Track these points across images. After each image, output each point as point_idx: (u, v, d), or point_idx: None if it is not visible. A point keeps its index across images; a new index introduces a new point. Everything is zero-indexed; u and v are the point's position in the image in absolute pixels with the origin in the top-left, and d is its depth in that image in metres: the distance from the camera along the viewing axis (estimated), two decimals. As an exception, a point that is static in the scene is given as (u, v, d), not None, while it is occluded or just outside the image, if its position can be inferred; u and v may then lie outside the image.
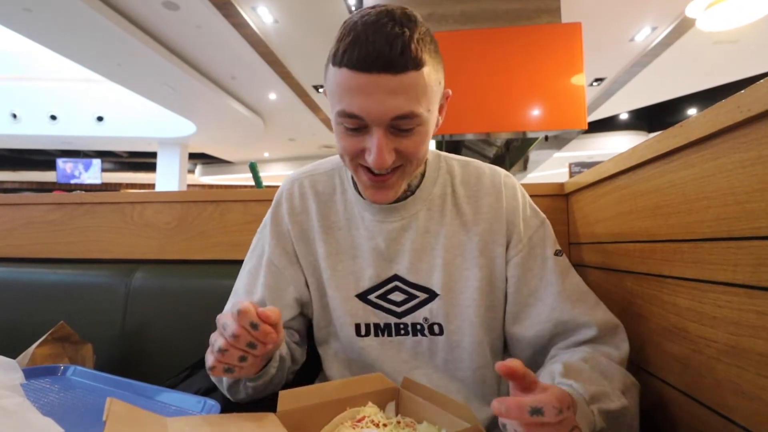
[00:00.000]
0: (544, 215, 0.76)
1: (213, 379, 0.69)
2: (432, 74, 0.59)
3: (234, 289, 0.79)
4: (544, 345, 0.70)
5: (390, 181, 0.65)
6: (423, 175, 0.75)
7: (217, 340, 0.53)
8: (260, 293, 0.73)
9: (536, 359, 0.71)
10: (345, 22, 0.59)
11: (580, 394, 0.54)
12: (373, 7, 0.58)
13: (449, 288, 0.71)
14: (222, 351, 0.52)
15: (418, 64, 0.56)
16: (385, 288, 0.72)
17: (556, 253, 0.72)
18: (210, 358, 0.54)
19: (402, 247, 0.72)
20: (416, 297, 0.71)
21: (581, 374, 0.58)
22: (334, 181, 0.78)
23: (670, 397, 0.64)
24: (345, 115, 0.59)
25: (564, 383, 0.56)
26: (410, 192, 0.73)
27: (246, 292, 0.75)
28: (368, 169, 0.63)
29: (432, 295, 0.71)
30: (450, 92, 0.68)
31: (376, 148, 0.59)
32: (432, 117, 0.63)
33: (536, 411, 0.40)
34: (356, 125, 0.59)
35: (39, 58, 7.37)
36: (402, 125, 0.59)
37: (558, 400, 0.41)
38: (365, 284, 0.73)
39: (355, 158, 0.63)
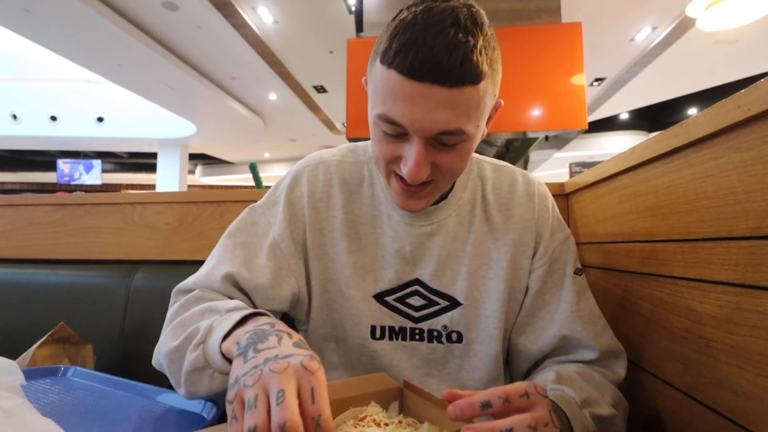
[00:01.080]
0: (569, 230, 0.73)
1: (165, 356, 0.57)
2: (489, 88, 0.53)
3: (218, 256, 0.67)
4: (542, 359, 0.69)
5: (422, 193, 0.61)
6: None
7: (255, 423, 0.34)
8: (267, 276, 0.65)
9: (531, 371, 0.71)
10: (401, 15, 0.52)
11: (572, 398, 0.54)
12: (435, 1, 0.51)
13: (473, 297, 0.68)
14: None
15: (476, 79, 0.50)
16: (405, 291, 0.69)
17: (576, 272, 0.70)
18: (236, 429, 0.36)
19: (429, 253, 0.69)
20: (436, 304, 0.68)
21: (573, 382, 0.58)
22: (362, 171, 0.73)
23: (670, 396, 0.64)
24: (386, 119, 0.54)
25: (556, 389, 0.57)
26: (442, 197, 0.70)
27: (247, 269, 0.65)
28: (401, 177, 0.59)
29: (454, 304, 0.68)
30: (502, 103, 0.62)
31: (414, 160, 0.54)
32: (479, 132, 0.58)
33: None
34: (396, 132, 0.55)
35: (39, 59, 7.37)
36: (445, 140, 0.54)
37: (533, 419, 0.40)
38: (384, 285, 0.69)
39: (389, 164, 0.59)
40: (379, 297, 0.69)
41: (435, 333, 0.69)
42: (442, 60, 0.48)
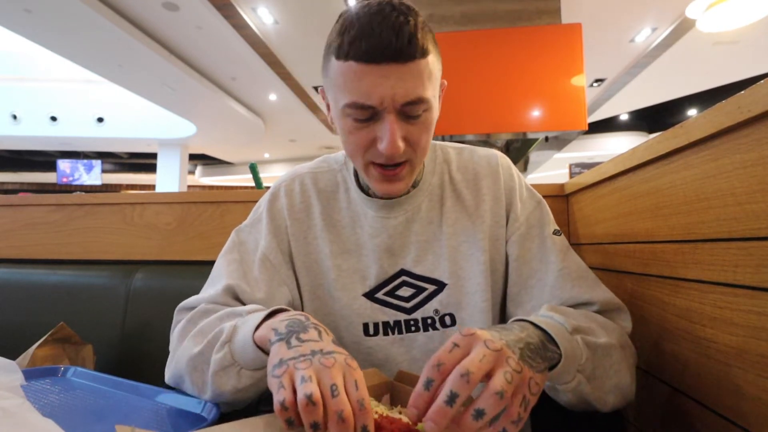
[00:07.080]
0: (540, 196, 0.75)
1: (186, 364, 0.60)
2: (435, 62, 0.60)
3: (216, 275, 0.71)
4: None
5: (400, 174, 0.64)
6: (422, 166, 0.74)
7: (311, 391, 0.39)
8: (263, 289, 0.68)
9: None
10: (343, 16, 0.58)
11: (561, 324, 0.53)
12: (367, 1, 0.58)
13: (457, 276, 0.70)
14: (312, 403, 0.39)
15: (424, 52, 0.57)
16: (393, 284, 0.71)
17: (555, 233, 0.72)
18: (285, 395, 0.40)
19: (408, 241, 0.72)
20: (425, 290, 0.70)
21: (565, 313, 0.57)
22: (336, 178, 0.77)
23: (671, 397, 0.64)
24: (356, 106, 0.58)
25: (545, 314, 0.56)
26: (413, 185, 0.73)
27: (245, 283, 0.68)
28: (379, 164, 0.63)
29: (441, 286, 0.70)
30: (446, 83, 0.68)
31: (389, 133, 0.58)
32: (436, 104, 0.63)
33: (452, 397, 0.38)
34: (367, 115, 0.59)
35: (39, 59, 7.38)
36: (411, 111, 0.59)
37: (463, 367, 0.39)
38: (371, 282, 0.71)
39: (366, 153, 0.62)
40: (369, 295, 0.71)
41: (429, 320, 0.70)
42: (392, 40, 0.54)
